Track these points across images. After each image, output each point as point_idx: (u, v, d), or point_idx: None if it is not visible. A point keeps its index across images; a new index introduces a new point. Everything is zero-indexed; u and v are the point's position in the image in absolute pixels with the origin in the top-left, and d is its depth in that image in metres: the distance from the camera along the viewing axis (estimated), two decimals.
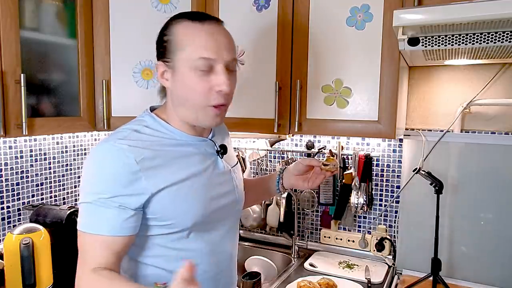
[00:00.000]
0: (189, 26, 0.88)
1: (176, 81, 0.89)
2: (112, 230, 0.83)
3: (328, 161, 1.12)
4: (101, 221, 0.83)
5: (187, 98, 0.89)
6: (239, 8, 1.55)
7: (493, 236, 1.54)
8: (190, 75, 0.87)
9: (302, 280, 1.49)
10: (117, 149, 0.83)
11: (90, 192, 0.84)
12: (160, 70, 0.92)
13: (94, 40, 1.52)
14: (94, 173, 0.85)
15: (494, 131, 1.57)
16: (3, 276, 1.30)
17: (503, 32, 1.05)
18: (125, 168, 0.82)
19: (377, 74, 1.36)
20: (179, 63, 0.87)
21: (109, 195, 0.82)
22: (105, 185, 0.83)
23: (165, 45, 0.90)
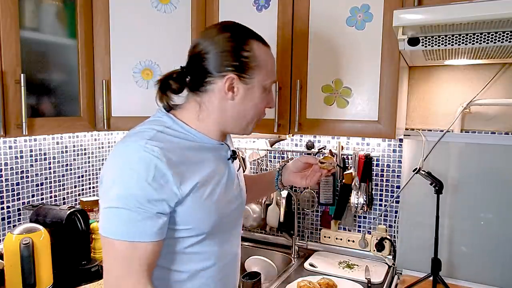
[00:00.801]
0: (263, 49, 0.95)
1: (246, 96, 0.93)
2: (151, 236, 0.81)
3: (325, 159, 1.14)
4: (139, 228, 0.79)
5: (248, 112, 0.95)
6: (239, 8, 1.55)
7: (493, 236, 1.54)
8: (260, 93, 0.94)
9: (302, 280, 1.49)
10: (149, 151, 0.80)
11: (122, 196, 0.79)
12: (229, 82, 0.90)
13: (94, 40, 1.52)
14: (125, 176, 0.80)
15: (494, 131, 1.57)
16: (3, 276, 1.30)
17: (503, 32, 1.05)
18: (158, 172, 0.80)
19: (377, 74, 1.36)
20: (255, 81, 0.93)
21: (144, 200, 0.79)
22: (139, 189, 0.79)
23: (246, 61, 0.91)
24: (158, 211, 0.81)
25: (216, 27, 0.95)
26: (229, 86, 0.90)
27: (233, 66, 0.90)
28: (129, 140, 0.85)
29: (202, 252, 0.92)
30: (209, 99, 0.92)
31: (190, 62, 0.95)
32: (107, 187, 0.82)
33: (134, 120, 1.58)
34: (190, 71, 0.95)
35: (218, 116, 0.93)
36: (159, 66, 1.58)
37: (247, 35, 0.93)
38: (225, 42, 0.90)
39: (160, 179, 0.80)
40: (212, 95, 0.92)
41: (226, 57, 0.90)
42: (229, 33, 0.92)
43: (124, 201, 0.79)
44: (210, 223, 0.90)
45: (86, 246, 1.55)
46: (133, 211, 0.78)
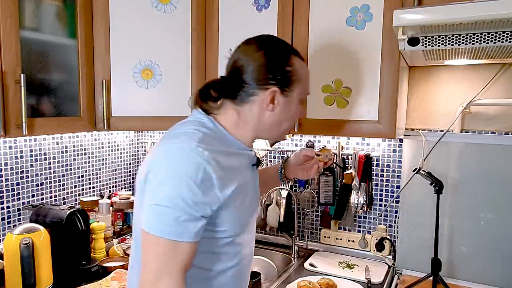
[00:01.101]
0: (302, 63, 1.00)
1: (284, 108, 0.97)
2: (193, 236, 0.83)
3: (321, 152, 1.19)
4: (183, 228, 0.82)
5: (284, 122, 0.99)
6: (239, 8, 1.55)
7: (493, 236, 1.54)
8: (296, 105, 1.00)
9: (302, 280, 1.49)
10: (200, 154, 0.83)
11: (171, 196, 0.81)
12: (272, 94, 0.94)
13: (94, 40, 1.52)
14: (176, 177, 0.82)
15: (494, 131, 1.57)
16: (3, 276, 1.30)
17: (503, 32, 1.05)
18: (206, 176, 0.83)
19: (377, 74, 1.36)
20: (295, 94, 0.97)
21: (191, 202, 0.81)
22: (188, 191, 0.81)
23: (288, 75, 0.96)
24: (201, 214, 0.83)
25: (257, 41, 0.99)
26: (271, 98, 0.94)
27: (276, 80, 0.94)
28: (178, 141, 0.86)
29: (229, 252, 0.95)
30: (250, 109, 0.96)
31: (232, 75, 0.97)
32: (156, 185, 0.84)
33: (134, 120, 1.59)
34: (231, 82, 0.97)
35: (256, 125, 0.98)
36: (159, 66, 1.58)
37: (288, 50, 0.98)
38: (268, 57, 0.94)
39: (207, 183, 0.83)
40: (252, 106, 0.95)
41: (269, 71, 0.94)
42: (271, 48, 0.96)
43: (172, 202, 0.81)
44: (242, 224, 0.95)
45: (86, 246, 1.55)
46: (179, 212, 0.81)
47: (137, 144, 2.29)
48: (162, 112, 1.61)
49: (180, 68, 1.60)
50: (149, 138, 2.30)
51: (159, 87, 1.59)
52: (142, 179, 0.88)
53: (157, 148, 0.88)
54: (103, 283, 1.46)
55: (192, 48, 1.60)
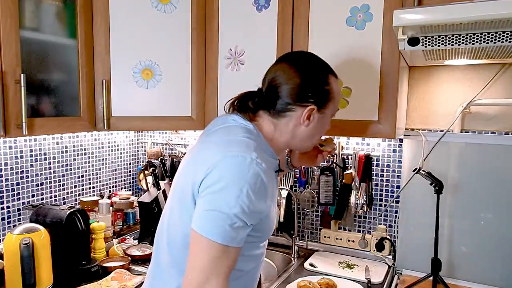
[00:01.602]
0: (336, 82, 1.04)
1: (318, 123, 1.01)
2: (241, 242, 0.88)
3: (325, 142, 1.24)
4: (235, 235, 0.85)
5: (315, 136, 1.04)
6: (239, 8, 1.55)
7: (493, 236, 1.54)
8: (329, 121, 1.05)
9: (302, 280, 1.49)
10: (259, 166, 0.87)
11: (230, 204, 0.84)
12: (309, 112, 0.98)
13: (94, 40, 1.52)
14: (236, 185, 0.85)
15: (494, 131, 1.57)
16: (3, 276, 1.31)
17: (503, 32, 1.05)
18: (263, 186, 0.87)
19: (377, 74, 1.36)
20: (329, 111, 1.02)
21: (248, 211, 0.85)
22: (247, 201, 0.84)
23: (325, 94, 1.00)
24: (253, 222, 0.88)
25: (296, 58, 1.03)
26: (308, 115, 0.98)
27: (314, 98, 0.98)
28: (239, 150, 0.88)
29: (253, 255, 1.00)
30: (286, 123, 1.00)
31: (270, 90, 1.00)
32: (216, 191, 0.85)
33: (134, 120, 1.59)
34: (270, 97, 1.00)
35: (289, 138, 1.02)
36: (159, 66, 1.58)
37: (326, 70, 1.02)
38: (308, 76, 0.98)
39: (262, 192, 0.88)
40: (289, 121, 0.99)
41: (309, 90, 0.98)
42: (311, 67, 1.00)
43: (231, 209, 0.84)
44: (271, 230, 1.01)
45: (86, 246, 1.55)
46: (236, 219, 0.84)
47: (137, 144, 2.29)
48: (162, 112, 1.61)
49: (180, 68, 1.60)
50: (149, 138, 2.30)
51: (159, 87, 1.59)
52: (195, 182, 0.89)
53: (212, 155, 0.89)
54: (103, 283, 1.46)
55: (192, 48, 1.60)
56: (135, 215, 2.05)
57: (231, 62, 1.59)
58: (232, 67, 1.59)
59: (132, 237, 1.91)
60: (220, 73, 1.61)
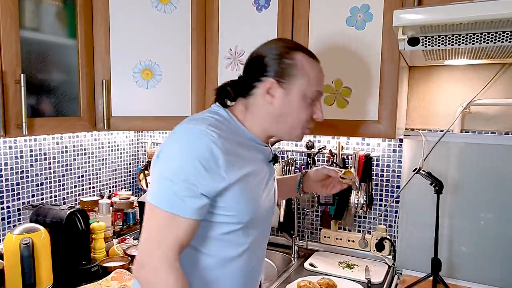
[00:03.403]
0: (309, 60, 1.00)
1: (284, 101, 0.97)
2: (191, 213, 0.86)
3: (345, 175, 1.20)
4: (182, 202, 0.85)
5: (287, 117, 0.98)
6: (239, 8, 1.55)
7: (493, 236, 1.54)
8: (300, 101, 0.98)
9: (302, 280, 1.49)
10: (208, 136, 0.87)
11: (175, 171, 0.85)
12: (267, 85, 0.97)
13: (94, 40, 1.52)
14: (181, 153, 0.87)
15: (494, 131, 1.57)
16: (3, 276, 1.31)
17: (503, 32, 1.05)
18: (213, 156, 0.86)
19: (377, 74, 1.36)
20: (295, 87, 0.97)
21: (194, 179, 0.85)
22: (192, 168, 0.85)
23: (285, 67, 0.97)
24: (202, 192, 0.86)
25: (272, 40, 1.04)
26: (268, 89, 0.97)
27: (274, 71, 0.97)
28: (190, 124, 0.91)
29: (235, 242, 0.97)
30: (254, 102, 0.99)
31: (244, 71, 1.04)
32: (163, 161, 0.88)
33: (134, 120, 1.59)
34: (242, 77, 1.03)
35: (261, 118, 1.00)
36: (159, 66, 1.58)
37: (294, 47, 1.00)
38: (273, 50, 0.99)
39: (212, 163, 0.86)
40: (255, 99, 0.99)
41: (269, 63, 0.97)
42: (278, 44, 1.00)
43: (176, 176, 0.85)
44: (249, 215, 0.96)
45: (86, 246, 1.55)
46: (181, 186, 0.85)
47: (137, 144, 2.29)
48: (162, 112, 1.61)
49: (180, 68, 1.60)
50: (149, 138, 2.30)
51: (159, 87, 1.59)
52: (154, 159, 0.92)
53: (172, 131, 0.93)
54: (103, 283, 1.46)
55: (192, 48, 1.60)
56: (135, 215, 2.05)
57: (231, 62, 1.59)
58: (232, 67, 1.59)
59: (132, 237, 1.91)
60: (220, 73, 1.61)
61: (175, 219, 0.85)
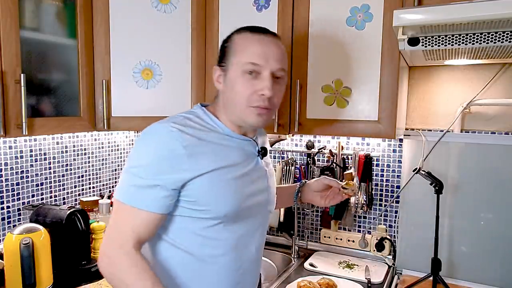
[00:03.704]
0: (247, 35, 0.98)
1: (227, 84, 0.98)
2: (153, 207, 0.88)
3: (347, 186, 1.18)
4: (141, 195, 0.88)
5: (234, 98, 0.96)
6: (239, 8, 1.55)
7: (493, 236, 1.54)
8: (239, 78, 0.95)
9: (302, 280, 1.49)
10: (167, 131, 0.89)
11: (136, 164, 0.90)
12: (216, 74, 1.01)
13: (94, 40, 1.52)
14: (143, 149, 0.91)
15: (494, 131, 1.57)
16: (3, 276, 1.30)
17: (503, 32, 1.05)
18: (173, 150, 0.88)
19: (377, 74, 1.36)
20: (232, 67, 0.96)
21: (153, 173, 0.87)
22: (152, 162, 0.88)
23: (224, 51, 1.00)
24: (162, 184, 0.87)
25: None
26: (216, 77, 1.01)
27: (218, 59, 1.01)
28: (157, 122, 0.93)
29: (217, 238, 0.96)
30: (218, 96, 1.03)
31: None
32: (129, 158, 0.93)
33: (134, 120, 1.59)
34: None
35: (222, 108, 1.01)
36: (159, 66, 1.58)
37: (236, 31, 1.01)
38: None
39: (172, 157, 0.88)
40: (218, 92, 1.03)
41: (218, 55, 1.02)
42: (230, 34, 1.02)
43: (136, 170, 0.89)
44: (227, 208, 0.94)
45: (86, 246, 1.55)
46: (139, 179, 0.88)
47: None
48: (162, 112, 1.60)
49: (180, 68, 1.60)
50: None
51: (159, 87, 1.59)
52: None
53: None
54: (103, 283, 1.46)
55: (192, 48, 1.60)
56: None
57: None
58: None
59: None
60: None
61: (133, 211, 0.88)
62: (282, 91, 1.01)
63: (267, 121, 1.00)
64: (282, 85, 1.00)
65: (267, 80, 0.94)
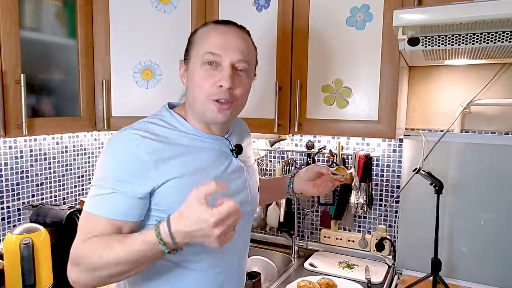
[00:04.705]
0: (209, 27, 0.95)
1: (189, 77, 0.95)
2: (114, 213, 0.85)
3: (337, 171, 1.15)
4: (103, 204, 0.85)
5: (195, 93, 0.93)
6: (239, 8, 1.55)
7: (493, 236, 1.54)
8: (198, 70, 0.92)
9: (302, 280, 1.49)
10: (129, 138, 0.87)
11: (99, 176, 0.87)
12: (181, 69, 0.98)
13: (94, 40, 1.52)
14: (105, 158, 0.88)
15: (494, 131, 1.57)
16: (3, 276, 1.30)
17: (503, 32, 1.05)
18: (134, 157, 0.85)
19: (377, 74, 1.36)
20: (193, 59, 0.94)
21: (115, 181, 0.85)
22: (113, 170, 0.86)
23: (188, 45, 0.98)
24: (124, 191, 0.85)
25: None
26: (181, 73, 0.98)
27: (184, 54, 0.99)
28: (120, 131, 0.91)
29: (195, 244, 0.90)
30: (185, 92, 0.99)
31: None
32: (95, 169, 0.90)
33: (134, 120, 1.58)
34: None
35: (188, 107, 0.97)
36: (159, 66, 1.58)
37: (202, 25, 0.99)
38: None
39: (134, 163, 0.85)
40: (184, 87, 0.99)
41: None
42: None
43: (100, 181, 0.86)
44: None
45: None
46: (103, 188, 0.85)
47: None
48: None
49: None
50: None
51: (159, 87, 1.59)
52: None
53: None
54: None
55: None
56: None
57: None
58: None
59: None
60: None
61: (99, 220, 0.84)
62: (245, 85, 0.95)
63: (230, 117, 0.95)
64: (245, 78, 0.95)
65: (225, 70, 0.91)
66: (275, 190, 1.28)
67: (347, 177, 1.16)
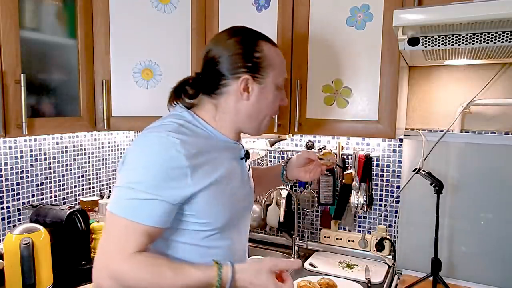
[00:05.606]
0: (273, 49, 1.00)
1: (260, 95, 0.97)
2: (151, 220, 0.84)
3: (324, 156, 1.20)
4: (142, 209, 0.83)
5: (262, 110, 0.99)
6: (239, 8, 1.55)
7: (493, 236, 1.54)
8: (273, 91, 0.99)
9: (302, 280, 1.49)
10: (168, 142, 0.85)
11: (135, 180, 0.84)
12: (244, 83, 0.95)
13: (94, 40, 1.52)
14: (141, 161, 0.86)
15: (494, 131, 1.57)
16: (3, 276, 1.31)
17: (503, 32, 1.05)
18: (174, 163, 0.84)
19: (377, 74, 1.36)
20: (269, 80, 0.97)
21: (154, 186, 0.83)
22: (152, 175, 0.84)
23: (258, 62, 0.96)
24: (164, 198, 0.84)
25: (226, 32, 0.99)
26: (244, 87, 0.95)
27: (246, 67, 0.95)
28: (152, 131, 0.90)
29: (215, 247, 0.95)
30: (225, 101, 0.97)
31: (205, 68, 0.99)
32: (127, 170, 0.87)
33: (134, 120, 1.59)
34: (205, 76, 0.99)
35: (234, 116, 0.98)
36: (159, 66, 1.58)
37: (256, 37, 0.98)
38: (237, 45, 0.95)
39: (176, 169, 0.84)
40: (227, 97, 0.96)
41: (239, 60, 0.94)
42: (240, 37, 0.97)
43: (137, 185, 0.83)
44: (225, 219, 0.94)
45: (86, 246, 1.55)
46: (141, 193, 0.83)
47: None
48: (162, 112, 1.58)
49: (180, 68, 1.60)
50: None
51: (159, 87, 1.59)
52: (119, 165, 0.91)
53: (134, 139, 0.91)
54: None
55: (192, 48, 1.60)
56: None
57: None
58: None
59: None
60: None
61: (135, 226, 0.83)
62: None
63: None
64: None
65: (284, 91, 1.03)
66: (270, 178, 1.32)
67: (334, 161, 1.21)
